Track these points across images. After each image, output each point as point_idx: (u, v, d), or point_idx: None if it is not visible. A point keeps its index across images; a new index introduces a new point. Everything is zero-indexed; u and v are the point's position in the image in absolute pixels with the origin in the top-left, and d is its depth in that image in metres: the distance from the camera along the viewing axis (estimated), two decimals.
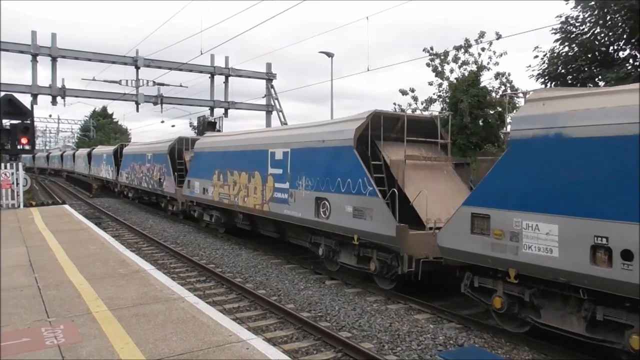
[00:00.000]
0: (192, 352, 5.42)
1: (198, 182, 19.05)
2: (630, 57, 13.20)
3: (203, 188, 18.55)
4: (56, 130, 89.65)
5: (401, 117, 11.72)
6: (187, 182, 20.03)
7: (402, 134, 11.08)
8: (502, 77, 26.55)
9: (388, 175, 10.96)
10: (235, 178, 16.12)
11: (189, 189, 19.76)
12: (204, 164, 18.74)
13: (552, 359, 7.41)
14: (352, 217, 10.68)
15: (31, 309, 6.88)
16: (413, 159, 11.03)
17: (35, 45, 28.74)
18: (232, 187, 16.35)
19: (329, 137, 11.64)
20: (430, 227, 9.83)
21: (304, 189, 12.34)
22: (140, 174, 26.85)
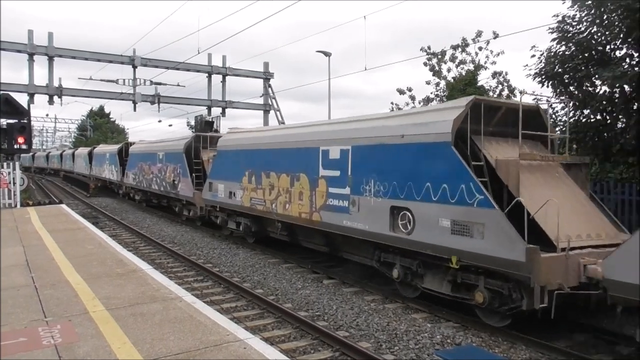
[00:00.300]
0: (190, 351, 5.41)
1: (222, 184, 16.67)
2: (627, 56, 13.21)
3: (229, 192, 16.18)
4: (53, 130, 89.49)
5: (503, 105, 9.44)
6: (208, 184, 17.67)
7: (505, 126, 9.19)
8: (500, 76, 26.57)
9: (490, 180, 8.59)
10: (273, 181, 13.66)
11: (211, 192, 17.32)
12: (231, 164, 16.34)
13: (549, 358, 7.43)
14: (449, 233, 8.40)
15: (28, 308, 6.87)
16: (527, 159, 8.71)
17: (32, 45, 28.64)
18: (268, 191, 13.93)
19: (412, 131, 9.27)
20: (562, 247, 7.65)
21: (373, 196, 10.02)
22: (150, 175, 24.48)
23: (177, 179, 21.01)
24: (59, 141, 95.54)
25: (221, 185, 16.86)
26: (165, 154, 22.74)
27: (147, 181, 24.95)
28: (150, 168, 24.49)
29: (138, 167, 26.68)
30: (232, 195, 16.09)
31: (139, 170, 26.53)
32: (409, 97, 28.67)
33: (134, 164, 27.85)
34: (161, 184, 22.89)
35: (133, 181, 27.76)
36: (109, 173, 33.76)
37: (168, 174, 22.03)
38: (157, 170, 23.33)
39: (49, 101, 30.72)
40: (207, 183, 17.89)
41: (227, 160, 16.73)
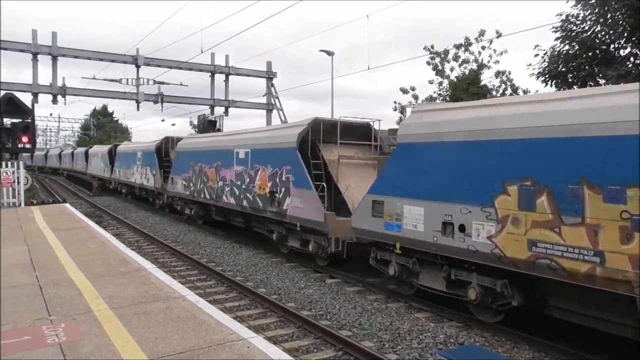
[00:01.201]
0: (193, 350, 5.42)
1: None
2: (631, 55, 13.20)
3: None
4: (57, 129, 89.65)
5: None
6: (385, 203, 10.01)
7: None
8: (503, 75, 26.55)
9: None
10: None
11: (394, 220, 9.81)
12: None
13: (552, 358, 7.42)
14: None
15: (32, 307, 6.89)
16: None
17: (35, 44, 28.72)
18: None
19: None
20: None
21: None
22: (220, 183, 17.61)
23: (280, 191, 13.79)
24: (62, 140, 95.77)
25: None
26: (256, 151, 15.50)
27: (213, 191, 18.21)
28: (219, 172, 17.81)
29: (192, 171, 20.34)
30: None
31: (193, 174, 20.14)
32: (412, 97, 28.68)
33: (182, 166, 21.41)
34: (244, 196, 15.90)
35: (183, 189, 21.07)
36: (141, 176, 27.51)
37: (261, 183, 14.84)
38: (234, 175, 16.64)
39: (52, 101, 30.83)
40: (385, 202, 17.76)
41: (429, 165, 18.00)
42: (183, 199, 21.29)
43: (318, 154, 13.17)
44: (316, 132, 13.12)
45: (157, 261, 13.45)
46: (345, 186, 12.55)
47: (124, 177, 31.69)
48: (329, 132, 13.17)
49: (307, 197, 12.34)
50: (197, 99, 35.91)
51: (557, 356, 7.42)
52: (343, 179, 12.79)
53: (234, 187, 16.33)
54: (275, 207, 13.75)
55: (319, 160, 13.03)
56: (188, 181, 20.30)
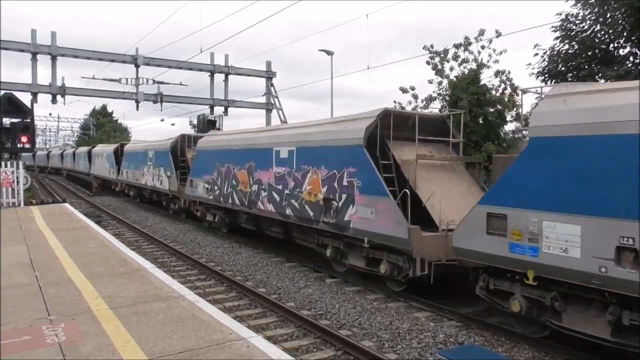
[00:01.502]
0: (193, 350, 5.42)
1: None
2: (631, 55, 13.20)
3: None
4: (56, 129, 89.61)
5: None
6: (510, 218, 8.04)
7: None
8: (502, 75, 26.50)
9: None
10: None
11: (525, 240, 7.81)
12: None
13: (552, 357, 7.42)
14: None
15: (32, 307, 6.89)
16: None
17: (35, 44, 28.70)
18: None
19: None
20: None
21: None
22: (254, 187, 14.89)
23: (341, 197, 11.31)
24: (61, 140, 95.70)
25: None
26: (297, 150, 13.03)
27: (244, 196, 15.51)
28: (251, 174, 15.19)
29: (217, 173, 17.44)
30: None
31: (219, 177, 17.32)
32: (412, 96, 28.64)
33: (206, 166, 18.41)
34: (288, 202, 13.18)
35: (206, 193, 18.27)
36: (154, 179, 24.93)
37: (319, 188, 12.01)
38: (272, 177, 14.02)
39: (52, 100, 30.82)
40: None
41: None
42: (205, 204, 18.85)
43: (388, 154, 10.92)
44: (384, 127, 10.85)
45: (156, 261, 13.44)
46: (427, 193, 10.08)
47: (132, 178, 29.07)
48: (397, 127, 11.05)
49: (381, 207, 9.97)
50: (197, 98, 35.90)
51: (557, 356, 7.42)
52: (422, 184, 10.39)
53: (272, 192, 13.90)
54: (331, 217, 11.40)
55: (389, 161, 10.79)
56: (212, 184, 17.66)
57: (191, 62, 32.90)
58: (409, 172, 10.54)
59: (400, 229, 9.54)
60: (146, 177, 26.38)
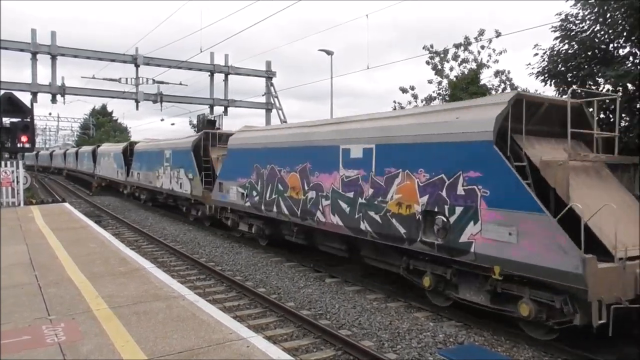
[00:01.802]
0: (193, 350, 5.43)
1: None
2: (630, 55, 13.17)
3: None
4: (56, 129, 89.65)
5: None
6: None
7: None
8: (502, 75, 26.53)
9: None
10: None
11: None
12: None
13: (551, 357, 7.42)
14: None
15: (32, 307, 6.89)
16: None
17: (34, 44, 28.70)
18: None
19: None
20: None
21: None
22: (311, 194, 12.16)
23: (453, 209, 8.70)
24: (61, 140, 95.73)
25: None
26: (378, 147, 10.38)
27: (297, 204, 12.80)
28: (306, 177, 12.47)
29: (258, 175, 14.57)
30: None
31: (260, 179, 14.46)
32: (412, 96, 28.66)
33: (240, 167, 15.62)
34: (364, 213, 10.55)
35: (241, 199, 15.44)
36: (172, 181, 22.23)
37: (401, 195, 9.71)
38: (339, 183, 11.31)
39: (51, 100, 30.82)
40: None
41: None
42: (238, 212, 16.05)
43: (519, 153, 8.29)
44: (513, 117, 8.05)
45: (156, 261, 13.45)
46: (586, 206, 7.22)
47: (144, 180, 26.38)
48: (527, 117, 8.21)
49: (529, 227, 7.27)
50: (197, 98, 35.91)
51: (557, 355, 7.42)
52: (577, 194, 7.61)
53: (338, 201, 11.05)
54: (436, 236, 8.71)
55: (522, 163, 8.11)
56: (248, 189, 14.85)
57: (191, 62, 32.90)
58: (557, 177, 7.82)
59: (565, 258, 6.87)
60: (162, 180, 23.58)
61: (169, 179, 22.58)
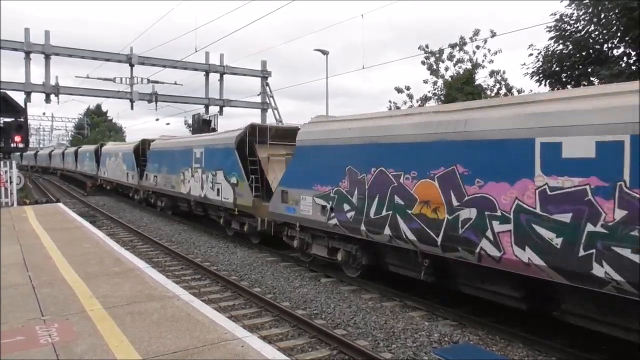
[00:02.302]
0: (187, 350, 5.41)
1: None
2: (624, 55, 13.26)
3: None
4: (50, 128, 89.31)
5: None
6: None
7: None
8: (497, 75, 26.63)
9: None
10: None
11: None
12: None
13: (546, 356, 7.44)
14: None
15: (25, 307, 6.85)
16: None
17: (28, 43, 28.56)
18: None
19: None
20: None
21: None
22: (466, 214, 8.10)
23: None
24: (55, 140, 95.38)
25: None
26: None
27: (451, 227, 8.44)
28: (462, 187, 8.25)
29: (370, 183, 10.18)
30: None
31: (372, 190, 10.14)
32: (407, 96, 28.72)
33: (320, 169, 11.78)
34: None
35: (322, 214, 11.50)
36: (204, 186, 18.36)
37: None
38: None
39: (45, 100, 30.68)
40: None
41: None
42: (314, 231, 12.17)
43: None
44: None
45: (151, 261, 13.40)
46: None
47: (163, 184, 22.61)
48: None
49: None
50: (192, 98, 35.84)
51: (551, 354, 7.44)
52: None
53: (534, 226, 7.11)
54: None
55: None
56: (335, 200, 10.98)
57: (186, 62, 32.84)
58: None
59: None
60: (189, 184, 19.66)
61: (199, 183, 18.61)
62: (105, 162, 34.06)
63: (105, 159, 34.06)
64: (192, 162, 19.36)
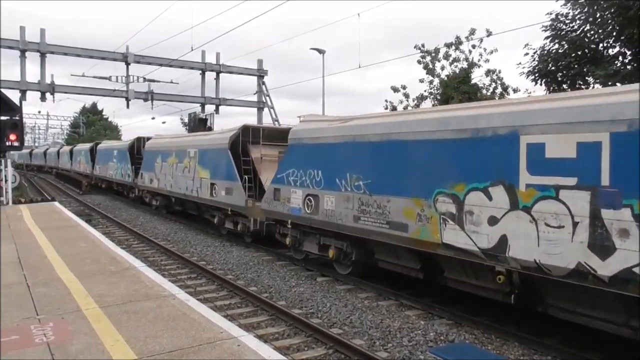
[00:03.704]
0: (183, 349, 5.40)
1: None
2: (620, 55, 13.30)
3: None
4: (45, 127, 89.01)
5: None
6: None
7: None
8: (493, 74, 26.68)
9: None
10: None
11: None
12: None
13: (541, 354, 7.47)
14: None
15: (20, 306, 6.82)
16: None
17: (23, 41, 28.49)
18: None
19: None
20: None
21: None
22: None
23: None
24: (51, 138, 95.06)
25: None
26: None
27: None
28: None
29: None
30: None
31: None
32: (403, 95, 28.74)
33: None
34: None
35: None
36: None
37: None
38: None
39: (41, 98, 30.63)
40: None
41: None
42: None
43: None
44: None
45: (147, 260, 13.38)
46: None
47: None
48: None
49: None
50: (188, 96, 35.82)
51: (546, 353, 7.46)
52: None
53: None
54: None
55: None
56: None
57: (182, 60, 32.79)
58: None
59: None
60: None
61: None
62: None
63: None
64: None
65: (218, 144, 16.80)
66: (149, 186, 23.68)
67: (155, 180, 22.75)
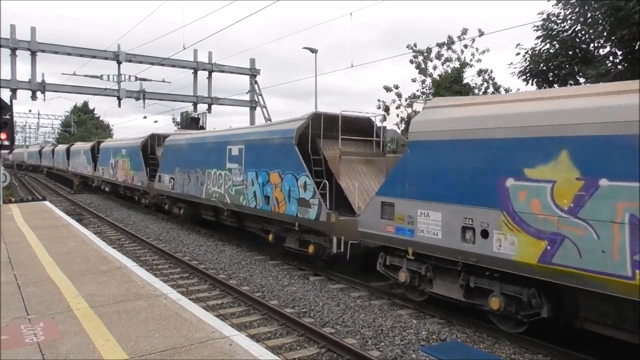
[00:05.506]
0: (175, 348, 5.38)
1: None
2: (610, 55, 13.39)
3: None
4: (36, 126, 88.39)
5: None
6: None
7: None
8: (485, 74, 26.80)
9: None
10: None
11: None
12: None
13: (532, 353, 7.50)
14: None
15: (10, 306, 6.77)
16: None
17: (14, 40, 28.25)
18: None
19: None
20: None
21: None
22: None
23: None
24: (42, 137, 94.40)
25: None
26: None
27: None
28: None
29: None
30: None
31: None
32: (396, 95, 28.81)
33: None
34: None
35: None
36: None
37: None
38: None
39: (31, 97, 30.42)
40: None
41: None
42: None
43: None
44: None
45: (138, 259, 13.32)
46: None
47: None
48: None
49: None
50: (180, 95, 35.68)
51: (537, 351, 7.50)
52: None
53: None
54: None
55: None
56: None
57: (174, 59, 32.66)
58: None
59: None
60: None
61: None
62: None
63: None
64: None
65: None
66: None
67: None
